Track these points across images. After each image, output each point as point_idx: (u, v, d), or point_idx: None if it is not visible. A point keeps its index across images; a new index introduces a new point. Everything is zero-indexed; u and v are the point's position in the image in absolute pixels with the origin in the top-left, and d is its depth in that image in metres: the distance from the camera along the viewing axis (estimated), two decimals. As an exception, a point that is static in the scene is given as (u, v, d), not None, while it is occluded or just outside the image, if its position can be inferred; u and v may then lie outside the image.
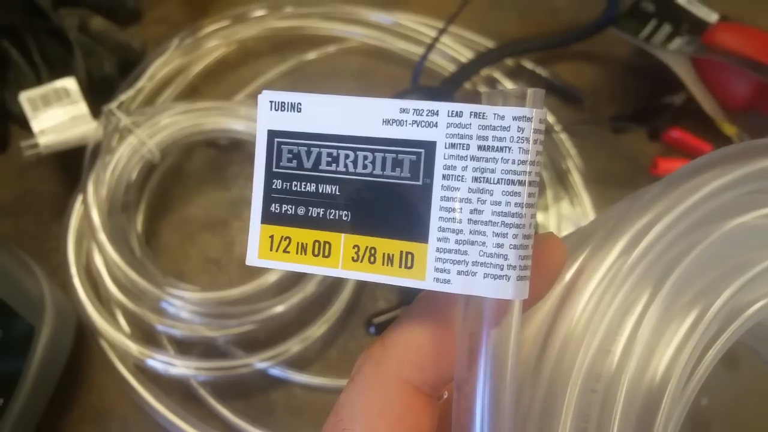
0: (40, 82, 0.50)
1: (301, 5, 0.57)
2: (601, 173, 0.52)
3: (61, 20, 0.51)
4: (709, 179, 0.18)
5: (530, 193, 0.15)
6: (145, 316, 0.44)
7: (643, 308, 0.17)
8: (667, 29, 0.53)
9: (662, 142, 0.52)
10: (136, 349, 0.43)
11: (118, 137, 0.48)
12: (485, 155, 0.15)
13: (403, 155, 0.16)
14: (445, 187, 0.16)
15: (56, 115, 0.47)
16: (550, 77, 0.55)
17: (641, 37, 0.53)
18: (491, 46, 0.56)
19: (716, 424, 0.40)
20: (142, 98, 0.53)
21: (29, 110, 0.47)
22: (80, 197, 0.47)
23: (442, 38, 0.53)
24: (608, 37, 0.54)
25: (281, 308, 0.44)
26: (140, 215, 0.50)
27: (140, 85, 0.52)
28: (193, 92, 0.56)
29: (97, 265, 0.45)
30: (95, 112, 0.48)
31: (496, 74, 0.56)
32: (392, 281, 0.16)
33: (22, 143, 0.47)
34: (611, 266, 0.17)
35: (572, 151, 0.52)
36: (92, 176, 0.46)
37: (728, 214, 0.18)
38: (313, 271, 0.17)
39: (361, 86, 0.56)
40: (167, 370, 0.43)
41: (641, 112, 0.53)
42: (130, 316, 0.45)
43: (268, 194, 0.17)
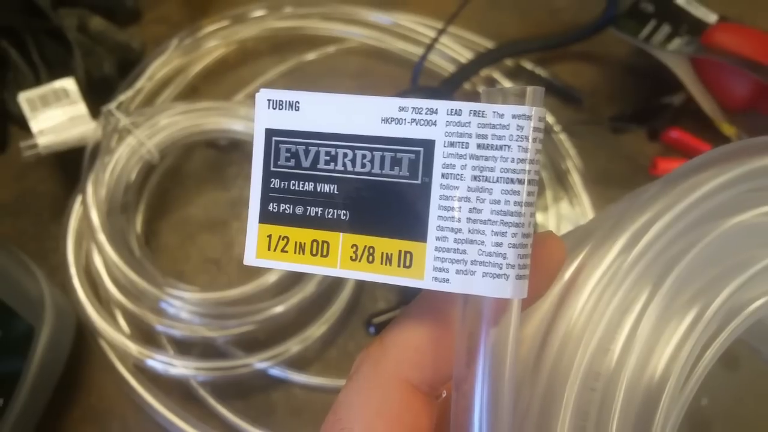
0: (39, 82, 0.50)
1: (300, 6, 0.57)
2: (600, 173, 0.51)
3: (60, 20, 0.51)
4: (707, 178, 0.18)
5: (529, 191, 0.15)
6: (144, 316, 0.44)
7: (642, 307, 0.17)
8: (666, 30, 0.53)
9: (662, 142, 0.52)
10: (135, 349, 0.43)
11: (117, 138, 0.48)
12: (484, 154, 0.15)
13: (401, 154, 0.16)
14: (444, 185, 0.16)
15: (55, 115, 0.47)
16: (549, 78, 0.55)
17: (640, 37, 0.53)
18: (491, 46, 0.56)
19: (716, 423, 0.40)
20: (141, 98, 0.53)
21: (28, 111, 0.47)
22: (79, 198, 0.47)
23: (441, 38, 0.53)
24: (608, 37, 0.54)
25: (281, 308, 0.44)
26: (139, 216, 0.50)
27: (139, 85, 0.52)
28: (192, 92, 0.56)
29: (96, 265, 0.45)
30: (94, 112, 0.48)
31: (495, 75, 0.56)
32: (391, 281, 0.16)
33: (21, 144, 0.47)
34: (610, 265, 0.17)
35: (572, 151, 0.52)
36: (91, 177, 0.46)
37: (727, 212, 0.18)
38: (311, 270, 0.17)
39: (360, 86, 0.56)
40: (167, 370, 0.43)
41: (641, 112, 0.53)
42: (129, 316, 0.45)
43: (265, 193, 0.17)
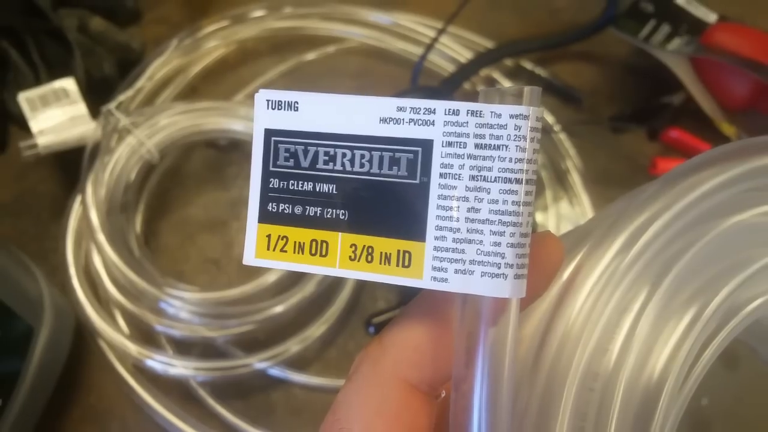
0: (39, 82, 0.50)
1: (300, 6, 0.57)
2: (600, 173, 0.51)
3: (60, 21, 0.51)
4: (706, 177, 0.18)
5: (527, 191, 0.15)
6: (144, 316, 0.44)
7: (640, 306, 0.17)
8: (666, 29, 0.53)
9: (661, 142, 0.52)
10: (135, 349, 0.43)
11: (117, 137, 0.48)
12: (482, 153, 0.15)
13: (400, 154, 0.16)
14: (442, 185, 0.16)
15: (55, 115, 0.47)
16: (549, 77, 0.55)
17: (640, 37, 0.53)
18: (490, 46, 0.56)
19: (716, 423, 0.40)
20: (141, 98, 0.53)
21: (28, 111, 0.47)
22: (79, 198, 0.47)
23: (441, 38, 0.53)
24: (607, 37, 0.54)
25: (280, 308, 0.44)
26: (139, 216, 0.50)
27: (139, 85, 0.52)
28: (192, 92, 0.56)
29: (96, 265, 0.45)
30: (94, 112, 0.48)
31: (495, 74, 0.56)
32: (390, 280, 0.16)
33: (21, 144, 0.47)
34: (609, 264, 0.17)
35: (571, 151, 0.52)
36: (91, 177, 0.46)
37: (726, 211, 0.18)
38: (310, 270, 0.17)
39: (360, 86, 0.56)
40: (166, 370, 0.43)
41: (640, 112, 0.53)
42: (129, 316, 0.45)
43: (265, 193, 0.17)
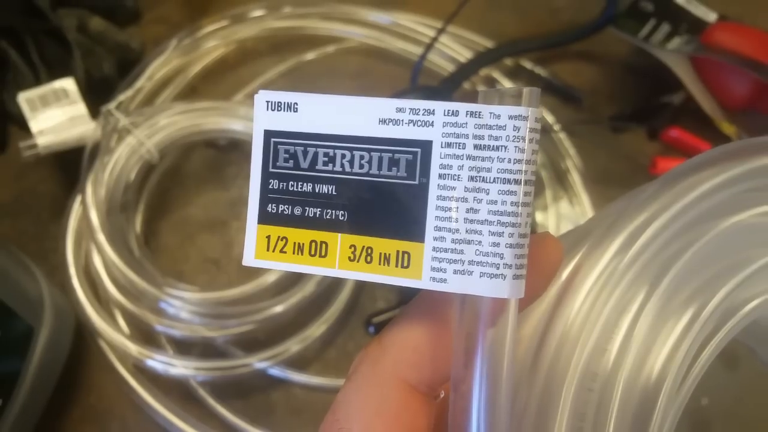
0: (38, 82, 0.50)
1: (299, 5, 0.57)
2: (600, 173, 0.52)
3: (59, 21, 0.51)
4: (705, 178, 0.18)
5: (526, 192, 0.15)
6: (144, 316, 0.44)
7: (639, 307, 0.17)
8: (665, 29, 0.53)
9: (661, 141, 0.52)
10: (135, 349, 0.43)
11: (116, 137, 0.48)
12: (481, 154, 0.15)
13: (399, 155, 0.16)
14: (441, 186, 0.16)
15: (55, 115, 0.47)
16: (549, 77, 0.55)
17: (640, 36, 0.53)
18: (490, 45, 0.56)
19: (717, 423, 0.40)
20: (140, 98, 0.53)
21: (28, 111, 0.47)
22: (79, 198, 0.47)
23: (441, 38, 0.53)
24: (607, 36, 0.54)
25: (280, 308, 0.44)
26: (139, 216, 0.50)
27: (139, 85, 0.52)
28: (192, 92, 0.56)
29: (96, 265, 0.45)
30: (94, 112, 0.48)
31: (495, 74, 0.56)
32: (389, 281, 0.16)
33: (20, 144, 0.47)
34: (607, 265, 0.17)
35: (571, 150, 0.52)
36: (91, 177, 0.46)
37: (724, 212, 0.18)
38: (309, 271, 0.17)
39: (360, 86, 0.56)
40: (166, 370, 0.43)
41: (640, 111, 0.53)
42: (129, 316, 0.45)
43: (264, 194, 0.17)
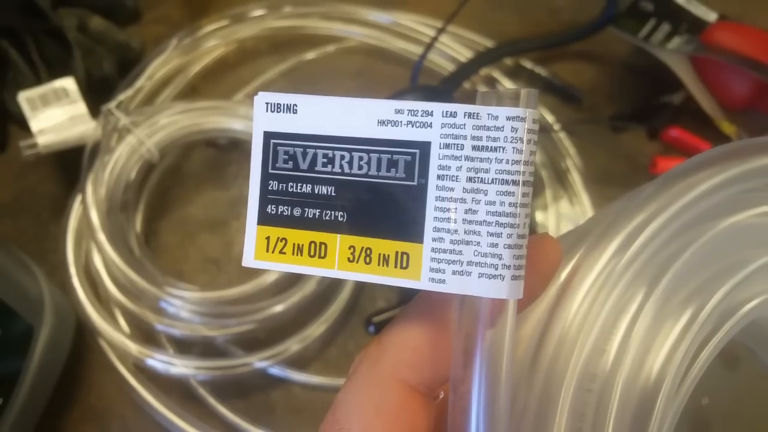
0: (39, 82, 0.50)
1: (300, 5, 0.57)
2: (600, 172, 0.52)
3: (60, 20, 0.51)
4: (703, 178, 0.18)
5: (524, 192, 0.15)
6: (144, 315, 0.44)
7: (637, 307, 0.17)
8: (666, 28, 0.53)
9: (661, 141, 0.52)
10: (135, 348, 0.43)
11: (116, 137, 0.48)
12: (479, 155, 0.15)
13: (398, 156, 0.16)
14: (439, 187, 0.16)
15: (55, 114, 0.47)
16: (549, 77, 0.55)
17: (640, 36, 0.53)
18: (490, 45, 0.56)
19: (717, 423, 0.40)
20: (141, 98, 0.53)
21: (28, 110, 0.47)
22: (79, 197, 0.47)
23: (441, 38, 0.53)
24: (607, 36, 0.54)
25: (280, 308, 0.44)
26: (139, 215, 0.50)
27: (139, 84, 0.52)
28: (192, 92, 0.56)
29: (96, 264, 0.45)
30: (94, 111, 0.49)
31: (495, 74, 0.56)
32: (388, 281, 0.16)
33: (21, 143, 0.47)
34: (606, 265, 0.17)
35: (571, 150, 0.52)
36: (91, 176, 0.46)
37: (723, 212, 0.18)
38: (309, 272, 0.17)
39: (360, 86, 0.56)
40: (167, 369, 0.43)
41: (640, 111, 0.53)
42: (129, 315, 0.45)
43: (264, 195, 0.17)
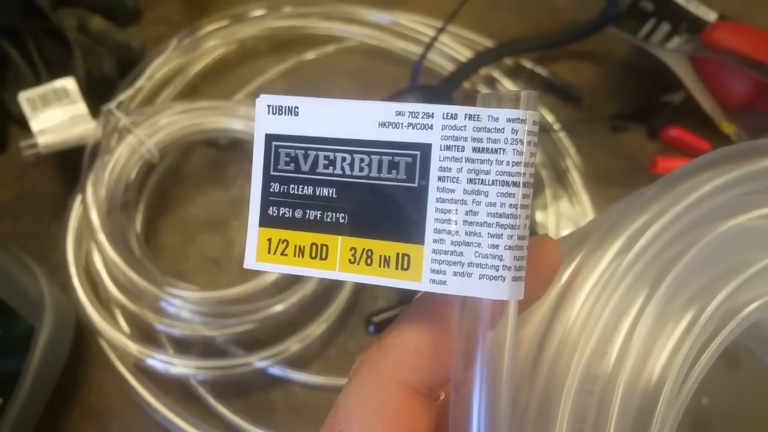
0: (39, 82, 0.50)
1: (300, 5, 0.57)
2: (600, 172, 0.52)
3: (60, 20, 0.51)
4: (704, 180, 0.18)
5: (524, 194, 0.15)
6: (144, 315, 0.44)
7: (639, 309, 0.17)
8: (665, 28, 0.53)
9: (661, 140, 0.52)
10: (135, 348, 0.43)
11: (117, 137, 0.48)
12: (480, 157, 0.15)
13: (399, 157, 0.16)
14: (440, 188, 0.16)
15: (55, 115, 0.47)
16: (549, 76, 0.55)
17: (640, 35, 0.53)
18: (490, 45, 0.56)
19: (717, 423, 0.41)
20: (141, 98, 0.53)
21: (28, 110, 0.47)
22: (79, 197, 0.47)
23: (441, 37, 0.53)
24: (607, 36, 0.54)
25: (280, 307, 0.44)
26: (139, 215, 0.50)
27: (139, 84, 0.52)
28: (192, 92, 0.56)
29: (96, 264, 0.45)
30: (94, 111, 0.49)
31: (495, 73, 0.56)
32: (389, 283, 0.16)
33: (21, 143, 0.47)
34: (607, 267, 0.17)
35: (571, 149, 0.52)
36: (91, 176, 0.46)
37: (724, 215, 0.18)
38: (310, 273, 0.17)
39: (360, 86, 0.56)
40: (167, 369, 0.43)
41: (640, 110, 0.53)
42: (129, 315, 0.45)
43: (265, 197, 0.17)
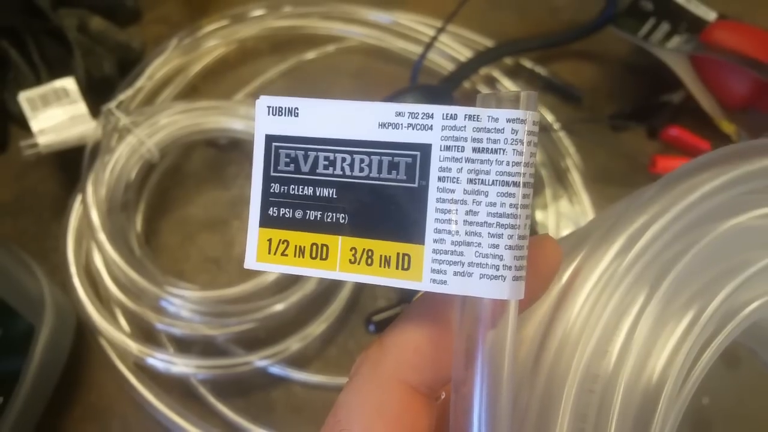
0: (39, 82, 0.50)
1: (300, 5, 0.57)
2: (600, 171, 0.52)
3: (60, 20, 0.51)
4: (704, 180, 0.18)
5: (525, 194, 0.15)
6: (144, 314, 0.44)
7: (639, 309, 0.17)
8: (665, 28, 0.53)
9: (661, 140, 0.52)
10: (135, 347, 0.43)
11: (117, 137, 0.48)
12: (480, 157, 0.15)
13: (399, 158, 0.16)
14: (440, 189, 0.16)
15: (55, 114, 0.47)
16: (549, 76, 0.55)
17: (640, 35, 0.53)
18: (490, 45, 0.56)
19: (717, 423, 0.41)
20: (141, 98, 0.53)
21: (28, 110, 0.47)
22: (79, 197, 0.47)
23: (441, 37, 0.53)
24: (607, 35, 0.54)
25: (281, 306, 0.44)
26: (139, 215, 0.50)
27: (139, 84, 0.52)
28: (192, 92, 0.56)
29: (96, 264, 0.45)
30: (94, 111, 0.49)
31: (495, 73, 0.56)
32: (389, 283, 0.16)
33: (21, 143, 0.47)
34: (608, 267, 0.17)
35: (571, 149, 0.52)
36: (91, 176, 0.46)
37: (724, 214, 0.18)
38: (311, 273, 0.17)
39: (360, 85, 0.56)
40: (167, 368, 0.43)
41: (640, 110, 0.53)
42: (129, 315, 0.45)
43: (266, 198, 0.17)
